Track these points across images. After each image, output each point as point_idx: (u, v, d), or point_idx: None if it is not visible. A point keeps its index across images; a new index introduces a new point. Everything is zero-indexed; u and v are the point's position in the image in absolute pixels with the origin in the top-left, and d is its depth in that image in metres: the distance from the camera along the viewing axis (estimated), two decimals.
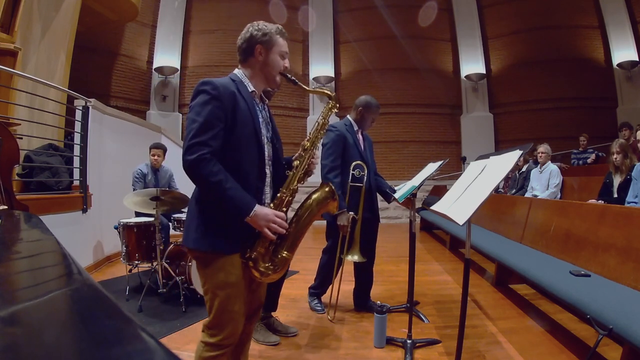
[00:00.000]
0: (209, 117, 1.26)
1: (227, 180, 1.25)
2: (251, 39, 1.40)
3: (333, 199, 1.48)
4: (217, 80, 1.32)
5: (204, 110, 1.27)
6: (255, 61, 1.42)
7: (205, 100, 1.28)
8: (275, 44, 1.43)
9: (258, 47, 1.40)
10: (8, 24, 4.17)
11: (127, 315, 0.47)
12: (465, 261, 1.62)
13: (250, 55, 1.42)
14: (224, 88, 1.31)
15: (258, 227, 1.30)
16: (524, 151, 1.54)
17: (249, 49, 1.41)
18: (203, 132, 1.24)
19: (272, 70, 1.44)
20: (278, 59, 1.44)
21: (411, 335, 2.25)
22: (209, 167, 1.23)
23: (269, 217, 1.30)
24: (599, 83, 8.31)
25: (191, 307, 2.91)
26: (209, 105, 1.27)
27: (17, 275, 0.79)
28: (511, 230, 3.76)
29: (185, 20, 8.96)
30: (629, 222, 2.24)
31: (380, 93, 9.18)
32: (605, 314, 1.66)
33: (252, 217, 1.28)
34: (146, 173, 3.94)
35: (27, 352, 0.36)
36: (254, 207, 1.28)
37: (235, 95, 1.33)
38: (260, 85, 1.46)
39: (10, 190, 2.30)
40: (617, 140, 3.77)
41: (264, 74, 1.44)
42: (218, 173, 1.24)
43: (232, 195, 1.25)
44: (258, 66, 1.43)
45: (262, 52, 1.41)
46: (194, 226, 1.34)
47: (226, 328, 1.33)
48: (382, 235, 7.08)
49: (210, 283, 1.34)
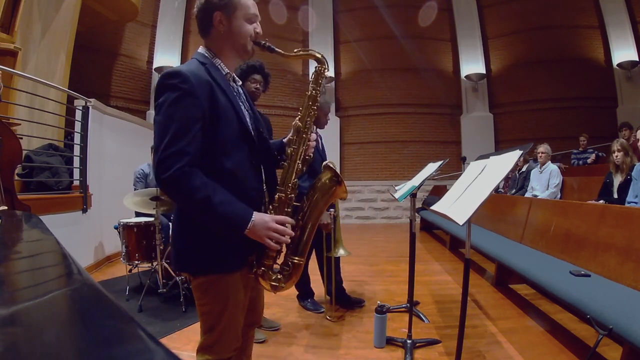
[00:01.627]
0: (182, 118, 1.03)
1: (215, 193, 1.03)
2: (207, 5, 1.15)
3: (339, 184, 1.26)
4: (185, 68, 1.09)
5: (174, 111, 1.03)
6: (216, 33, 1.17)
7: (175, 97, 1.04)
8: (238, 6, 1.16)
9: (217, 14, 1.15)
10: (8, 24, 4.17)
11: (127, 315, 0.47)
12: (465, 261, 1.62)
13: (210, 26, 1.17)
14: (196, 79, 1.07)
15: (258, 238, 1.10)
16: (524, 151, 1.54)
17: (207, 18, 1.16)
18: (177, 138, 1.01)
19: (240, 39, 1.18)
20: (244, 24, 1.17)
21: (411, 335, 2.25)
22: (190, 181, 1.01)
23: (268, 224, 1.10)
24: (599, 83, 8.31)
25: (191, 307, 2.91)
26: (181, 104, 1.04)
27: (17, 275, 0.79)
28: (511, 230, 3.76)
29: (185, 20, 8.96)
30: (629, 222, 2.24)
31: (380, 93, 9.19)
32: (605, 314, 1.66)
33: (250, 229, 1.08)
34: (148, 173, 3.93)
35: (27, 352, 0.36)
36: (251, 217, 1.08)
37: (211, 84, 1.10)
38: (232, 61, 1.23)
39: (12, 190, 2.31)
40: (617, 140, 3.77)
41: (230, 45, 1.19)
42: (202, 187, 1.02)
43: (223, 212, 1.05)
44: (222, 38, 1.18)
45: (223, 19, 1.15)
46: (182, 248, 1.15)
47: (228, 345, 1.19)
48: (382, 235, 7.10)
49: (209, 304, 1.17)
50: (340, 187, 1.27)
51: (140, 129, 5.90)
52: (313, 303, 2.96)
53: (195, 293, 1.18)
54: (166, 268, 3.11)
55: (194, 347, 1.37)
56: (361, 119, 9.21)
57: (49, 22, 4.82)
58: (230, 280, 1.15)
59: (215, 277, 1.14)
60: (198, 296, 1.18)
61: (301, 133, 1.25)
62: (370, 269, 4.25)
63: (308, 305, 2.95)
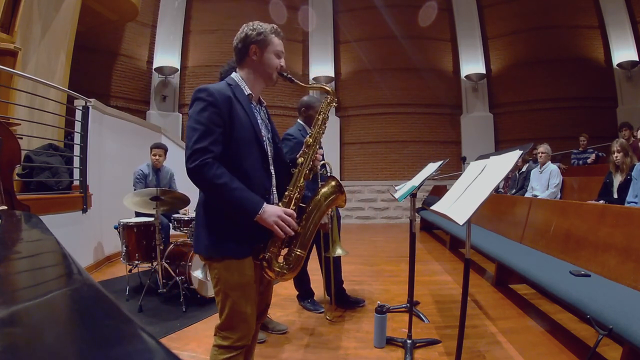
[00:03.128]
0: (207, 123, 1.28)
1: (232, 181, 1.26)
2: (246, 38, 1.41)
3: (341, 193, 1.49)
4: (212, 86, 1.34)
5: (201, 117, 1.28)
6: (250, 61, 1.43)
7: (201, 107, 1.30)
8: (270, 43, 1.42)
9: (253, 47, 1.41)
10: (8, 24, 4.17)
11: (127, 315, 0.47)
12: (465, 261, 1.62)
13: (246, 55, 1.43)
14: (219, 93, 1.32)
15: (267, 224, 1.30)
16: (524, 151, 1.54)
17: (244, 49, 1.42)
18: (203, 138, 1.26)
19: (268, 69, 1.44)
20: (273, 57, 1.43)
21: (411, 335, 2.25)
22: (212, 170, 1.24)
23: (278, 213, 1.31)
24: (599, 83, 8.31)
25: (191, 307, 2.91)
26: (206, 112, 1.29)
27: (17, 275, 0.79)
28: (511, 230, 3.76)
29: (185, 20, 8.96)
30: (629, 222, 2.24)
31: (380, 93, 9.19)
32: (605, 314, 1.66)
33: (260, 215, 1.28)
34: (147, 173, 3.94)
35: (27, 352, 0.36)
36: (262, 205, 1.29)
37: (231, 99, 1.34)
38: (257, 87, 1.47)
39: (11, 190, 2.31)
40: (617, 140, 3.77)
41: (259, 73, 1.45)
42: (222, 175, 1.25)
43: (239, 196, 1.27)
44: (253, 66, 1.43)
45: (257, 51, 1.41)
46: (204, 234, 1.36)
47: (239, 329, 1.34)
48: (382, 235, 7.10)
49: (222, 285, 1.34)
50: (342, 195, 1.51)
51: (140, 129, 5.90)
52: (313, 303, 2.96)
53: (210, 273, 1.38)
54: (166, 268, 3.11)
55: (194, 347, 1.39)
56: (361, 119, 9.21)
57: (49, 22, 4.82)
58: (240, 264, 1.34)
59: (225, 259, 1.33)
60: (212, 276, 1.37)
61: (310, 147, 1.49)
62: (370, 269, 4.25)
63: (308, 306, 2.96)
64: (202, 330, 2.54)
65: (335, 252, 2.72)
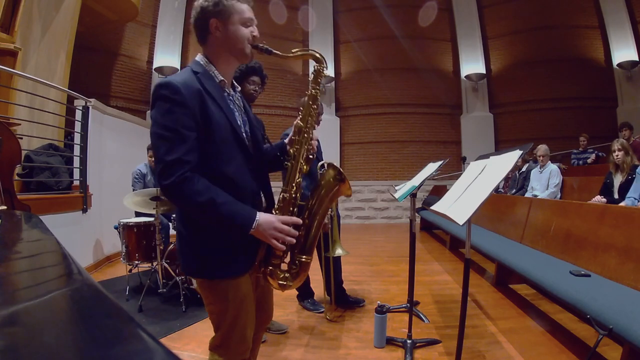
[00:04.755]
0: (177, 128, 1.05)
1: (217, 195, 1.07)
2: (203, 13, 1.16)
3: (342, 181, 1.28)
4: (176, 79, 1.10)
5: (168, 121, 1.06)
6: (213, 39, 1.18)
7: (167, 108, 1.06)
8: (233, 11, 1.16)
9: (213, 21, 1.16)
10: (8, 24, 4.17)
11: (127, 315, 0.47)
12: (465, 261, 1.62)
13: (207, 33, 1.18)
14: (186, 88, 1.08)
15: (264, 238, 1.13)
16: (524, 151, 1.54)
17: (203, 26, 1.18)
18: (175, 148, 1.04)
19: (238, 44, 1.18)
20: (241, 29, 1.18)
21: (411, 335, 2.25)
22: (193, 186, 1.04)
23: (274, 224, 1.13)
24: (599, 83, 8.31)
25: (191, 307, 2.91)
26: (174, 114, 1.06)
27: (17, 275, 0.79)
28: (511, 230, 3.76)
29: (185, 20, 8.95)
30: (629, 222, 2.24)
31: (380, 93, 9.19)
32: (605, 314, 1.66)
33: (256, 229, 1.11)
34: (145, 173, 3.94)
35: (27, 352, 0.36)
36: (256, 217, 1.11)
37: (201, 93, 1.11)
38: (229, 67, 1.24)
39: (11, 190, 2.31)
40: (618, 139, 3.77)
41: (228, 50, 1.20)
42: (205, 191, 1.05)
43: (228, 211, 1.08)
44: (218, 43, 1.19)
45: (219, 25, 1.16)
46: (189, 253, 1.18)
47: (235, 348, 1.19)
48: (382, 235, 7.09)
49: (216, 305, 1.19)
50: (344, 184, 1.28)
51: (140, 129, 5.90)
52: (313, 303, 2.96)
53: (201, 293, 1.22)
54: (166, 268, 3.11)
55: (194, 347, 1.37)
56: (361, 119, 9.21)
57: (49, 22, 4.82)
58: (233, 283, 1.17)
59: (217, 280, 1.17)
60: (203, 295, 1.22)
61: (303, 132, 1.25)
62: (370, 269, 4.25)
63: (308, 306, 2.95)
64: (202, 330, 2.54)
65: (336, 252, 2.72)
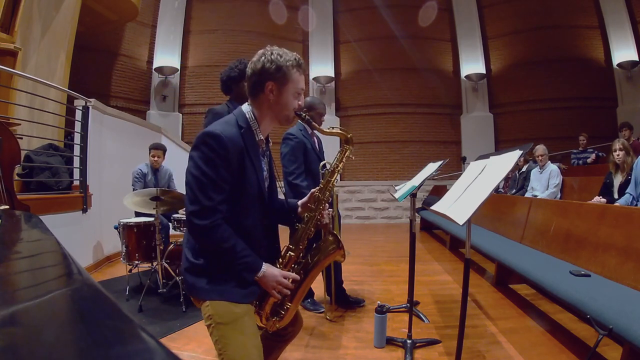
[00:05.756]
0: (217, 179, 1.15)
1: (237, 244, 1.18)
2: (262, 72, 1.21)
3: (339, 248, 1.40)
4: (225, 133, 1.16)
5: (210, 170, 1.14)
6: (264, 99, 1.24)
7: (211, 158, 1.14)
8: (290, 81, 1.23)
9: (269, 84, 1.22)
10: (8, 24, 4.17)
11: (127, 315, 0.47)
12: (465, 261, 1.62)
13: (260, 92, 1.24)
14: (232, 144, 1.16)
15: (266, 287, 1.25)
16: (524, 151, 1.54)
17: (259, 85, 1.23)
18: (212, 195, 1.14)
19: (285, 111, 1.27)
20: (291, 99, 1.25)
21: (411, 335, 2.25)
22: (220, 232, 1.16)
23: (277, 278, 1.25)
24: (599, 83, 8.31)
25: (191, 307, 2.91)
26: (216, 166, 1.15)
27: (17, 275, 0.79)
28: (511, 230, 3.76)
29: (185, 20, 8.96)
30: (629, 222, 2.24)
31: (380, 93, 9.19)
32: (605, 314, 1.66)
33: (260, 278, 1.23)
34: (146, 173, 3.94)
35: (27, 352, 0.36)
36: (262, 268, 1.23)
37: (243, 153, 1.20)
38: (268, 127, 1.32)
39: (11, 190, 2.31)
40: (619, 139, 3.77)
41: (274, 114, 1.27)
42: (229, 238, 1.17)
43: (241, 258, 1.19)
44: (267, 105, 1.25)
45: (274, 90, 1.23)
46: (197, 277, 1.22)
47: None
48: (382, 235, 7.10)
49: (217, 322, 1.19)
50: (340, 251, 1.41)
51: (140, 129, 5.90)
52: (313, 303, 2.96)
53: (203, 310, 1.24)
54: (166, 268, 3.11)
55: (194, 347, 1.37)
56: (361, 119, 9.21)
57: (49, 22, 4.82)
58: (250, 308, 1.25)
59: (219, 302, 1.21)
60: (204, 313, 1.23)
61: (319, 203, 1.37)
62: (370, 269, 4.25)
63: (308, 305, 2.95)
64: (202, 330, 2.53)
65: None
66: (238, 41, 8.95)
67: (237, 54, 2.09)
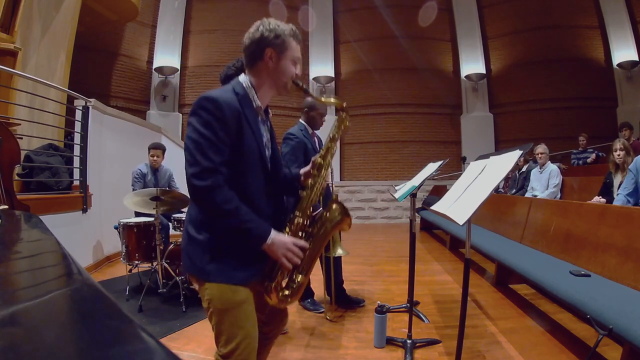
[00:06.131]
0: (215, 140, 1.12)
1: (241, 206, 1.14)
2: (261, 40, 1.23)
3: (347, 216, 1.38)
4: (221, 96, 1.17)
5: (208, 132, 1.12)
6: (264, 66, 1.25)
7: (208, 120, 1.13)
8: (288, 48, 1.25)
9: (269, 50, 1.23)
10: (8, 24, 4.17)
11: (127, 315, 0.47)
12: (465, 261, 1.62)
13: (259, 59, 1.25)
14: (229, 108, 1.16)
15: (275, 256, 1.19)
16: (524, 151, 1.54)
17: (258, 52, 1.24)
18: (212, 155, 1.11)
19: (283, 77, 1.28)
20: (290, 65, 1.27)
21: (411, 335, 2.25)
22: (223, 194, 1.12)
23: (287, 245, 1.20)
24: (599, 83, 8.31)
25: (191, 307, 2.91)
26: (213, 128, 1.13)
27: (17, 275, 0.79)
28: (511, 230, 3.76)
29: (185, 20, 8.96)
30: (629, 222, 2.24)
31: (380, 93, 9.19)
32: (605, 314, 1.66)
33: (268, 245, 1.17)
34: (146, 173, 3.94)
35: (27, 352, 0.36)
36: (270, 234, 1.18)
37: (240, 114, 1.19)
38: (267, 95, 1.32)
39: (11, 190, 2.31)
40: (619, 139, 3.76)
41: (273, 81, 1.28)
42: (233, 199, 1.13)
43: (248, 222, 1.14)
44: (267, 72, 1.26)
45: (273, 56, 1.24)
46: (197, 253, 1.20)
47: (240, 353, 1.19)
48: (382, 235, 7.10)
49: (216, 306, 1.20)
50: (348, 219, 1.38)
51: (140, 129, 5.90)
52: (313, 303, 2.96)
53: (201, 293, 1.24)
54: (166, 268, 3.11)
55: (194, 347, 1.37)
56: (361, 119, 9.21)
57: (49, 22, 4.82)
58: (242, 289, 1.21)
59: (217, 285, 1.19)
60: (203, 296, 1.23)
61: (322, 169, 1.36)
62: (370, 269, 4.25)
63: (308, 305, 2.95)
64: (202, 330, 2.54)
65: (336, 252, 2.72)
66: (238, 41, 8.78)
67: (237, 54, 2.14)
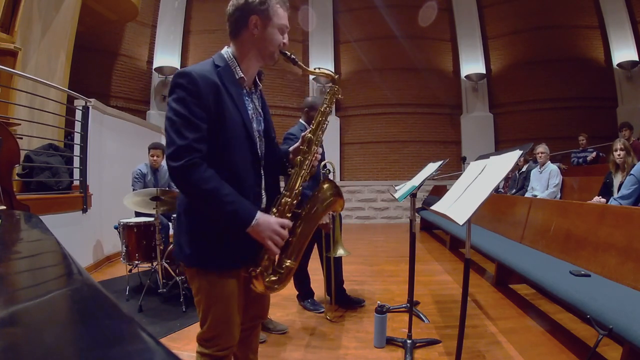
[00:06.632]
0: (189, 116, 1.08)
1: (222, 186, 1.09)
2: (246, 7, 1.16)
3: (339, 196, 1.32)
4: (195, 70, 1.13)
5: (182, 109, 1.08)
6: (248, 35, 1.18)
7: (182, 96, 1.10)
8: (275, 14, 1.19)
9: (254, 17, 1.16)
10: (8, 24, 4.17)
11: (127, 315, 0.47)
12: (465, 261, 1.62)
13: (243, 27, 1.18)
14: (203, 80, 1.11)
15: (260, 238, 1.13)
16: (524, 151, 1.54)
17: (242, 20, 1.17)
18: (186, 132, 1.07)
19: (270, 46, 1.21)
20: (277, 33, 1.21)
21: (411, 335, 2.25)
22: (200, 173, 1.06)
23: (272, 226, 1.14)
24: (599, 83, 8.31)
25: (191, 307, 2.91)
26: (187, 103, 1.09)
27: (17, 275, 0.79)
28: (511, 230, 3.76)
29: (185, 20, 8.96)
30: (629, 222, 2.24)
31: (380, 93, 9.19)
32: (605, 314, 1.66)
33: (253, 227, 1.11)
34: (145, 173, 3.94)
35: (27, 352, 0.36)
36: (256, 216, 1.12)
37: (218, 87, 1.13)
38: (253, 66, 1.25)
39: (10, 190, 2.31)
40: (620, 139, 3.76)
41: (258, 50, 1.21)
42: (211, 179, 1.07)
43: (230, 203, 1.09)
44: (252, 41, 1.19)
45: (259, 23, 1.17)
46: (186, 241, 1.19)
47: (221, 341, 1.23)
48: (382, 235, 7.10)
49: (203, 295, 1.21)
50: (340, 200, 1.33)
51: (140, 129, 5.90)
52: (313, 303, 2.96)
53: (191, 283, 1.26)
54: (166, 268, 3.11)
55: (194, 347, 1.37)
56: (361, 119, 9.21)
57: (49, 22, 4.82)
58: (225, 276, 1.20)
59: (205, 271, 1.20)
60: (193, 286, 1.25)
61: (312, 144, 1.29)
62: (370, 269, 4.25)
63: (308, 306, 2.95)
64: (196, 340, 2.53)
65: (337, 252, 2.72)
66: None
67: None
